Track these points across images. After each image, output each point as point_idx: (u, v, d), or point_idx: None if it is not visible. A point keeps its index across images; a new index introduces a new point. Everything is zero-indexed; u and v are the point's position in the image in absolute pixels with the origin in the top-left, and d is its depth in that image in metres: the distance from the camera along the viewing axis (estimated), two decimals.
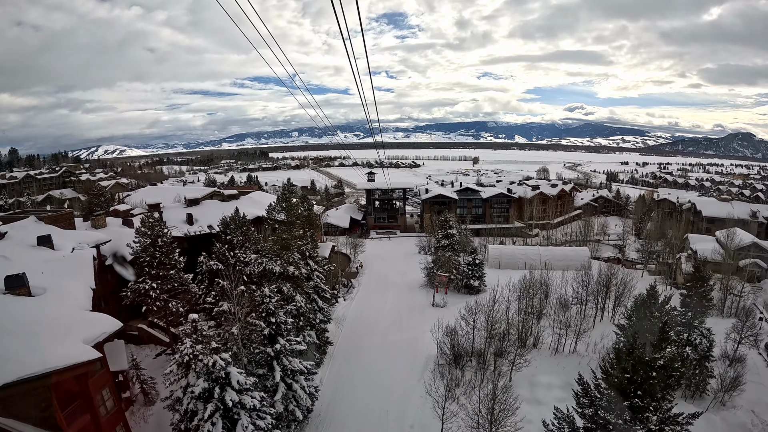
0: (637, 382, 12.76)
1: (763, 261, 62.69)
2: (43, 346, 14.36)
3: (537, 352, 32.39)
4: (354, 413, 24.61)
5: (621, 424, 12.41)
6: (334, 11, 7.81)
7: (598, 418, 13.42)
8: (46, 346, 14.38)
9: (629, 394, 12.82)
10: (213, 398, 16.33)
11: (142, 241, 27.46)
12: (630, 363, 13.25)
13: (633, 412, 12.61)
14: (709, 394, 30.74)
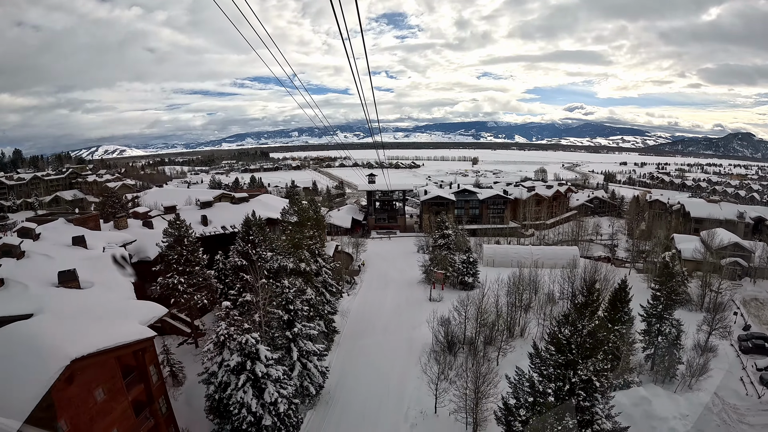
0: (571, 343, 16.33)
1: (743, 260, 66.11)
2: (110, 326, 17.74)
3: (523, 341, 35.84)
4: (359, 391, 28.18)
5: (560, 372, 16.01)
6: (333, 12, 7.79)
7: (544, 369, 17.02)
8: (112, 326, 17.76)
9: (566, 351, 16.40)
10: (245, 370, 19.77)
11: (170, 241, 30.85)
12: (567, 329, 16.83)
13: (567, 365, 16.19)
14: (678, 379, 34.21)
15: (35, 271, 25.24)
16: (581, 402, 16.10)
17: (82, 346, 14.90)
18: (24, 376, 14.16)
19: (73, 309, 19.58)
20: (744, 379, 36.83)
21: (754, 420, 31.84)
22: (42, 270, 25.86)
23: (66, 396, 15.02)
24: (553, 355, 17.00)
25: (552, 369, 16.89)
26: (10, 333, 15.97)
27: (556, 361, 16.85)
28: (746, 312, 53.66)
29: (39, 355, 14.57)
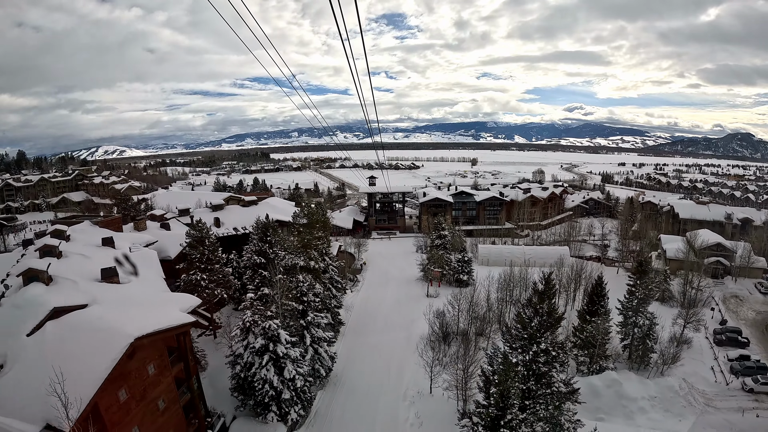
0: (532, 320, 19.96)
1: (726, 259, 69.54)
2: (157, 312, 21.16)
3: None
4: (363, 374, 31.75)
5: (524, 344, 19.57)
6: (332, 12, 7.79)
7: (513, 343, 20.61)
8: (159, 313, 21.18)
9: (528, 327, 20.01)
10: (268, 351, 23.22)
11: (192, 241, 34.32)
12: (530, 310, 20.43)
13: (530, 338, 19.77)
14: (651, 366, 37.67)
15: (77, 269, 28.60)
16: (541, 368, 19.68)
17: (140, 328, 18.32)
18: (96, 352, 17.56)
19: (120, 300, 22.98)
20: (714, 369, 40.35)
21: (720, 404, 35.44)
22: (82, 268, 29.28)
23: (127, 369, 18.46)
24: (519, 331, 20.62)
25: (518, 342, 20.52)
26: (78, 318, 19.42)
27: (521, 335, 20.48)
28: (725, 308, 57.17)
29: (107, 335, 17.98)
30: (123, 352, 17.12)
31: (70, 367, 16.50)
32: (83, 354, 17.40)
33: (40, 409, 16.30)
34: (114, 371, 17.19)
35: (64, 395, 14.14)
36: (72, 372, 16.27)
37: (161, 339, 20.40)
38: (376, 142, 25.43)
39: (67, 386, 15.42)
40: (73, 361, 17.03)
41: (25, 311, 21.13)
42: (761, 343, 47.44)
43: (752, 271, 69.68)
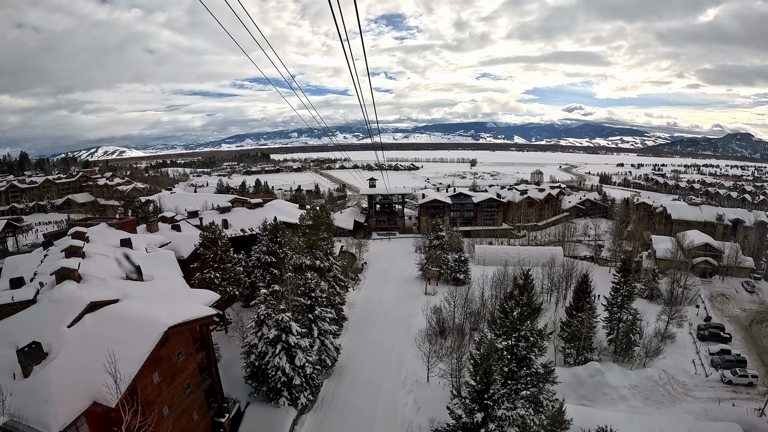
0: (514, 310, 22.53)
1: (714, 259, 72.03)
2: (183, 306, 23.63)
3: None
4: (365, 365, 34.31)
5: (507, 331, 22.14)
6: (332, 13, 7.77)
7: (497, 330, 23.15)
8: (185, 306, 23.65)
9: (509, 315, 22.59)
10: (280, 341, 25.71)
11: (206, 242, 36.82)
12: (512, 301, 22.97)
13: (512, 325, 22.34)
14: (635, 359, 40.19)
15: (102, 268, 31.12)
16: (521, 351, 22.20)
17: (172, 319, 20.78)
18: (133, 339, 20.03)
19: (147, 295, 25.42)
20: (695, 362, 42.86)
21: (699, 395, 37.99)
22: (106, 267, 31.77)
23: (160, 355, 20.94)
24: (502, 320, 23.15)
25: (502, 330, 23.04)
26: (114, 311, 21.91)
27: (505, 323, 23.00)
28: (710, 306, 59.66)
29: (142, 325, 20.46)
30: (158, 339, 19.62)
31: (118, 349, 18.99)
32: (122, 341, 19.87)
33: (87, 389, 18.82)
34: (150, 356, 19.69)
35: (116, 372, 16.61)
36: (119, 354, 18.78)
37: (188, 329, 22.90)
38: (375, 142, 27.55)
39: (117, 364, 18.00)
40: (114, 347, 19.51)
41: (63, 306, 23.60)
42: (743, 339, 49.96)
43: (740, 270, 72.09)
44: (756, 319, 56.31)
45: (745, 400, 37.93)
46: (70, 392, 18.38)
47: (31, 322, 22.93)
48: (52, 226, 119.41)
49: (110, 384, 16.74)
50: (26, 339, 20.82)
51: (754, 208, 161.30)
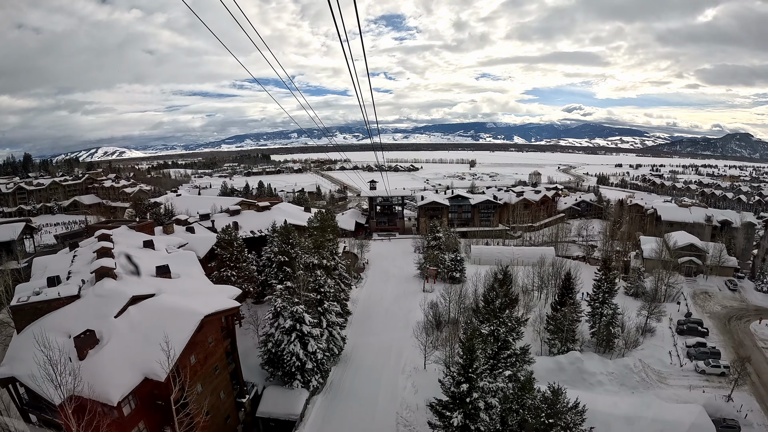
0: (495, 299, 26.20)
1: (698, 259, 75.59)
2: (212, 299, 27.24)
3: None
4: (368, 354, 38.03)
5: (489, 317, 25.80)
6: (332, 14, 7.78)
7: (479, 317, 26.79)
8: (213, 299, 27.26)
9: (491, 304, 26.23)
10: (295, 330, 29.31)
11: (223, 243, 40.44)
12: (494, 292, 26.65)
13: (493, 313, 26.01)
14: (615, 350, 43.80)
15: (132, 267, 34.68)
16: (501, 335, 25.83)
17: (206, 309, 24.38)
18: (175, 326, 23.61)
19: (178, 290, 28.98)
20: (672, 353, 46.44)
21: (672, 382, 41.62)
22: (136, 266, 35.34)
23: (196, 340, 24.54)
24: (486, 308, 26.80)
25: (485, 317, 26.67)
26: (155, 303, 25.52)
27: (487, 311, 26.65)
28: (692, 303, 63.24)
29: (182, 314, 24.06)
30: (196, 325, 23.26)
31: (157, 337, 22.63)
32: (165, 328, 23.46)
33: (138, 368, 22.47)
34: (189, 340, 23.31)
35: (169, 350, 20.23)
36: (160, 340, 22.40)
37: (217, 318, 26.54)
38: (375, 143, 30.59)
39: (156, 350, 21.62)
40: (157, 333, 23.12)
41: (108, 300, 27.24)
42: (720, 333, 53.58)
43: (724, 269, 75.55)
44: (735, 315, 59.88)
45: (716, 387, 41.48)
46: (124, 370, 21.99)
47: (80, 313, 26.56)
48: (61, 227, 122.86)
49: (163, 360, 20.33)
50: (78, 328, 24.45)
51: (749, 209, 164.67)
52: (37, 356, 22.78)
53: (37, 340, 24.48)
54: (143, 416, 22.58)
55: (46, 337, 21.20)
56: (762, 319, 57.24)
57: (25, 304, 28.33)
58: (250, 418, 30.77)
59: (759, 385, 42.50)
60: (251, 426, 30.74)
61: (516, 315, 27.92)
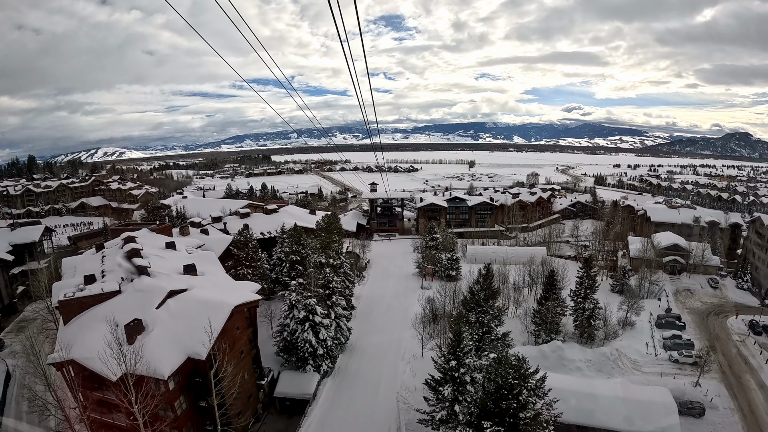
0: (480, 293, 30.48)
1: (682, 258, 79.73)
2: (238, 292, 31.48)
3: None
4: (371, 343, 42.45)
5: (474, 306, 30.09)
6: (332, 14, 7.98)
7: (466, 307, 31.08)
8: (238, 292, 31.50)
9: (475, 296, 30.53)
10: (308, 320, 33.55)
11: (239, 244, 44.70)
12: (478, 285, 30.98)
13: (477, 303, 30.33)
14: (595, 341, 48.03)
15: (162, 266, 38.94)
16: (484, 320, 30.11)
17: (235, 301, 28.61)
18: (210, 315, 27.73)
19: (206, 286, 33.20)
20: (648, 344, 50.63)
21: (646, 369, 45.85)
22: (164, 265, 39.60)
23: (227, 327, 28.74)
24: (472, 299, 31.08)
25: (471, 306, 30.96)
26: (190, 296, 29.75)
27: (472, 301, 30.91)
28: (674, 299, 67.41)
29: (215, 305, 28.26)
30: (228, 314, 27.52)
31: (196, 324, 26.90)
32: (201, 317, 27.69)
33: (181, 349, 26.69)
34: (222, 327, 27.55)
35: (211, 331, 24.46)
36: (197, 327, 26.67)
37: (242, 309, 30.80)
38: (375, 143, 34.12)
39: (195, 335, 25.88)
40: (195, 321, 27.38)
41: (147, 294, 31.51)
42: (697, 327, 57.78)
43: (707, 268, 79.60)
44: (714, 311, 64.03)
45: (687, 375, 45.68)
46: (170, 352, 26.23)
47: (123, 306, 30.79)
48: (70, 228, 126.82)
49: (204, 341, 24.59)
50: (124, 319, 28.65)
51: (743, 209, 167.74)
52: (92, 342, 27.09)
53: (89, 328, 28.84)
54: (183, 391, 26.81)
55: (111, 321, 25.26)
56: (738, 314, 61.22)
57: (72, 299, 32.50)
58: (268, 399, 35.06)
59: (729, 375, 46.66)
60: (269, 405, 35.02)
61: (498, 305, 32.16)
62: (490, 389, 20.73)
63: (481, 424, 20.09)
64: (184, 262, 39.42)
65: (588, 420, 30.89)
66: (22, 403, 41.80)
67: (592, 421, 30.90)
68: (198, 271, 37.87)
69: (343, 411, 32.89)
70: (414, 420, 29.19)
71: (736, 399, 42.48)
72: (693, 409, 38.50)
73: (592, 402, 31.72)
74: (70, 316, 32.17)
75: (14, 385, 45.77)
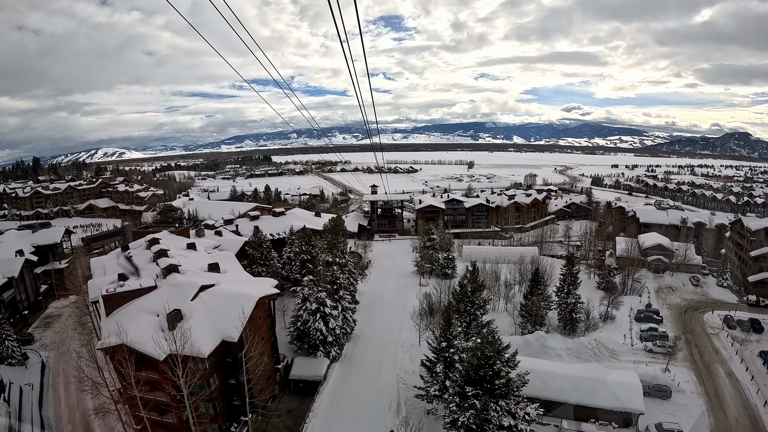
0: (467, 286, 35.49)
1: (665, 257, 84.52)
2: (258, 287, 36.37)
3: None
4: (374, 334, 47.47)
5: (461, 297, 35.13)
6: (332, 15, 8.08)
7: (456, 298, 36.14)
8: (259, 287, 36.39)
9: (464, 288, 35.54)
10: (319, 311, 38.45)
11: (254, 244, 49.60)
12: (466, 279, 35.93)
13: (466, 295, 35.31)
14: (577, 332, 52.91)
15: (187, 264, 43.80)
16: (471, 309, 35.01)
17: (258, 293, 33.47)
18: (238, 305, 32.60)
19: (230, 281, 38.04)
20: (626, 335, 55.44)
21: (622, 358, 50.63)
22: (188, 264, 44.47)
23: (252, 315, 33.59)
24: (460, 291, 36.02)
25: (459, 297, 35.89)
26: (219, 290, 34.62)
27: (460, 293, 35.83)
28: (656, 296, 72.15)
29: (242, 297, 33.10)
30: (254, 304, 32.40)
31: (226, 313, 31.78)
32: (231, 306, 32.56)
33: (217, 333, 31.54)
34: (249, 315, 32.41)
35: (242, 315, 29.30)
36: (228, 316, 31.55)
37: (264, 300, 35.72)
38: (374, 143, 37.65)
39: (227, 322, 30.76)
40: (225, 311, 32.25)
41: (181, 288, 36.37)
42: (674, 321, 62.51)
43: (690, 267, 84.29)
44: (692, 307, 68.72)
45: (659, 363, 50.51)
46: (206, 336, 31.10)
47: (161, 299, 35.58)
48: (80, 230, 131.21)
49: (237, 326, 29.47)
50: (163, 310, 33.45)
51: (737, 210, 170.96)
52: (136, 329, 31.95)
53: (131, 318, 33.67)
54: (217, 370, 31.69)
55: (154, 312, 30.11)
56: (714, 310, 65.97)
57: (114, 293, 37.29)
58: (283, 381, 39.97)
59: (699, 364, 51.38)
60: (284, 387, 39.95)
61: (483, 297, 37.02)
62: (472, 362, 25.41)
63: (465, 389, 24.82)
64: (207, 261, 44.32)
65: (561, 396, 35.80)
66: (59, 388, 46.78)
67: (566, 397, 35.81)
68: (222, 268, 42.78)
69: (350, 390, 37.88)
70: (411, 396, 34.10)
71: (703, 385, 47.06)
72: (661, 391, 43.13)
73: (566, 381, 36.58)
74: (112, 308, 36.86)
75: (49, 373, 50.44)
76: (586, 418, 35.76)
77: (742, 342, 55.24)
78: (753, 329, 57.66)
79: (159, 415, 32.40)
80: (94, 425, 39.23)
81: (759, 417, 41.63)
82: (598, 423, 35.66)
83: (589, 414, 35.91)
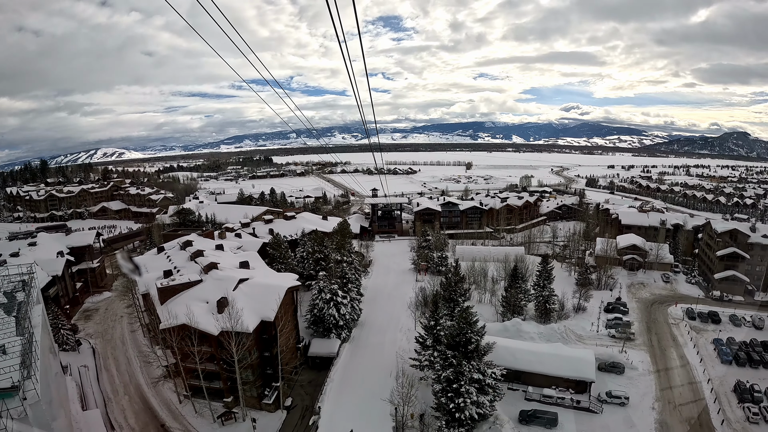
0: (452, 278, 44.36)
1: (639, 256, 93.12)
2: (284, 280, 45.09)
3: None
4: (377, 321, 56.61)
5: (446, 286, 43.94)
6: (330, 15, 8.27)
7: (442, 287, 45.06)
8: (285, 280, 45.11)
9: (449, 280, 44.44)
10: (332, 300, 47.27)
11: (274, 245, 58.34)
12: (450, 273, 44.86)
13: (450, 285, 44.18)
14: (550, 320, 61.70)
15: (221, 262, 52.55)
16: (454, 296, 43.90)
17: (286, 284, 42.23)
18: (272, 293, 41.26)
19: (260, 275, 46.77)
20: (593, 323, 64.11)
21: (587, 342, 59.21)
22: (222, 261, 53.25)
23: (282, 302, 42.32)
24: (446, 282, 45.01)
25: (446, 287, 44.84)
26: (255, 282, 43.41)
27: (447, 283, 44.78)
28: (627, 291, 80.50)
29: (274, 287, 41.85)
30: (284, 293, 41.20)
31: (263, 300, 40.57)
32: (265, 295, 41.32)
33: (257, 315, 40.25)
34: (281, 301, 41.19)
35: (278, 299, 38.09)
36: (264, 301, 40.34)
37: (289, 290, 44.52)
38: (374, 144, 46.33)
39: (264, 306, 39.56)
40: (262, 298, 41.01)
41: (223, 281, 45.12)
42: (640, 313, 70.83)
43: (663, 265, 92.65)
44: (659, 300, 77.05)
45: (618, 347, 59.11)
46: (249, 316, 39.74)
47: (207, 290, 44.26)
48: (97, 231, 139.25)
49: (272, 308, 38.26)
50: (211, 298, 42.13)
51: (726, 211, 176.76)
52: (196, 311, 40.57)
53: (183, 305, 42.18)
54: (256, 345, 40.51)
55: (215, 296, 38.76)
56: (677, 303, 74.43)
57: (167, 286, 45.88)
58: (303, 358, 48.86)
59: (656, 348, 59.81)
60: (303, 363, 48.84)
61: (463, 287, 45.92)
62: (452, 333, 34.16)
63: (446, 352, 33.57)
64: (237, 260, 53.22)
65: (529, 367, 44.74)
66: (111, 368, 55.19)
67: (531, 368, 44.76)
68: (251, 265, 51.59)
69: (358, 364, 46.90)
70: (408, 367, 42.96)
71: (656, 364, 55.52)
72: (615, 368, 51.67)
73: (533, 356, 45.49)
74: (166, 298, 45.43)
75: (99, 357, 58.89)
76: (548, 385, 44.55)
77: (699, 331, 63.02)
78: (711, 320, 65.35)
79: (208, 382, 41.10)
80: (148, 395, 47.91)
81: (701, 391, 49.31)
82: (558, 389, 44.42)
83: (551, 381, 44.71)
